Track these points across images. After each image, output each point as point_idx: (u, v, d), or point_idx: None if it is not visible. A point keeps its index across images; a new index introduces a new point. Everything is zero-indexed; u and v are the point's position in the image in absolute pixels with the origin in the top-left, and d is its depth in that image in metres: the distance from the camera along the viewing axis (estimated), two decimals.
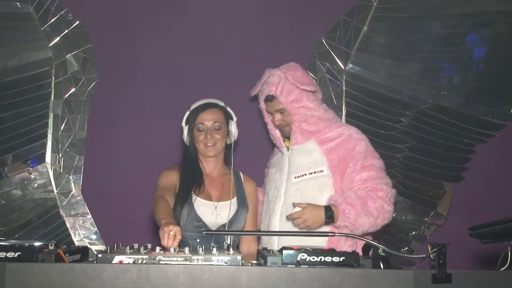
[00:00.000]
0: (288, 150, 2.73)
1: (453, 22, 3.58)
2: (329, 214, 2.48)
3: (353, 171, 2.57)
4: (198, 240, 2.52)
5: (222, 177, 2.76)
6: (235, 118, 2.76)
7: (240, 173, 2.82)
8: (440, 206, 3.63)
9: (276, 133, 2.77)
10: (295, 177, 2.65)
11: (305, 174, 2.63)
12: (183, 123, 2.74)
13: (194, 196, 2.64)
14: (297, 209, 2.52)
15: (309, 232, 2.48)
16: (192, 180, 2.69)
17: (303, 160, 2.66)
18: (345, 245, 2.54)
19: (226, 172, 2.78)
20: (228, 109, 2.76)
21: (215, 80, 3.54)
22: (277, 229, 2.63)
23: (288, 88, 2.64)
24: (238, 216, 2.66)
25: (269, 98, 2.70)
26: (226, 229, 2.60)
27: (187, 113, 2.74)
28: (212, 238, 2.58)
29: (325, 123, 2.67)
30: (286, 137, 2.75)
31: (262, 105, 2.77)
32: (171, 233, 2.03)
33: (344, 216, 2.46)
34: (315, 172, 2.62)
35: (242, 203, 2.70)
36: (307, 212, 2.48)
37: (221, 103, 2.75)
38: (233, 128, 2.75)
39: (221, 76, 3.56)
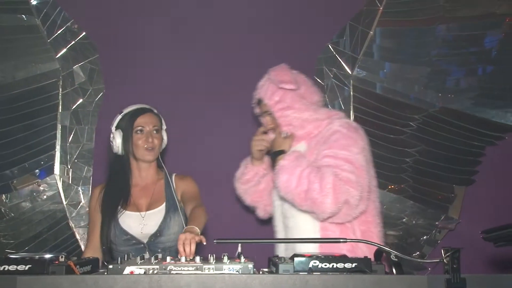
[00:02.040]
0: None
1: (459, 25, 3.56)
2: (275, 153, 2.55)
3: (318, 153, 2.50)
4: (132, 254, 2.50)
5: (154, 184, 2.73)
6: (165, 127, 2.78)
7: (174, 174, 2.78)
8: (451, 209, 3.60)
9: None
10: None
11: None
12: (113, 127, 2.70)
13: (120, 210, 2.63)
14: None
15: (321, 239, 2.46)
16: (116, 195, 2.66)
17: None
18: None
19: (159, 177, 2.75)
20: (159, 115, 2.77)
21: (221, 87, 3.54)
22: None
23: (271, 89, 2.60)
24: (168, 223, 2.61)
25: (259, 102, 2.70)
26: (157, 237, 2.58)
27: (119, 117, 2.69)
28: (145, 250, 2.56)
29: (313, 124, 2.58)
30: None
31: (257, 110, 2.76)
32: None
33: (281, 161, 2.45)
34: None
35: (173, 208, 2.64)
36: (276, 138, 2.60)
37: (155, 110, 2.76)
38: (164, 134, 2.76)
39: (226, 82, 3.56)
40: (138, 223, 2.61)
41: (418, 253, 3.59)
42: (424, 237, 3.61)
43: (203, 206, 2.57)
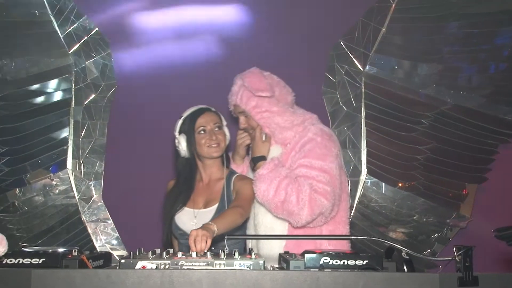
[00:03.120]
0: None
1: (471, 22, 3.53)
2: (253, 160, 2.62)
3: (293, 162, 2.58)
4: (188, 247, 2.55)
5: (216, 182, 2.76)
6: (225, 122, 2.80)
7: (236, 174, 2.79)
8: (463, 207, 3.58)
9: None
10: None
11: None
12: (177, 133, 2.74)
13: (180, 205, 2.72)
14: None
15: (328, 236, 2.50)
16: (179, 195, 2.73)
17: None
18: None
19: (222, 176, 2.77)
20: (218, 112, 2.79)
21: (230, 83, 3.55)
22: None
23: (247, 95, 2.64)
24: None
25: (234, 106, 2.74)
26: None
27: (180, 121, 2.74)
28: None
29: (290, 131, 2.62)
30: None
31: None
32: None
33: (261, 170, 2.52)
34: None
35: (223, 209, 2.64)
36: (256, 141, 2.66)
37: (213, 108, 2.79)
38: (226, 130, 2.78)
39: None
40: (190, 220, 2.67)
41: (428, 251, 3.57)
42: (435, 235, 3.60)
43: (240, 208, 2.55)
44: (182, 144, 2.72)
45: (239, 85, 2.67)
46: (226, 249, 1.89)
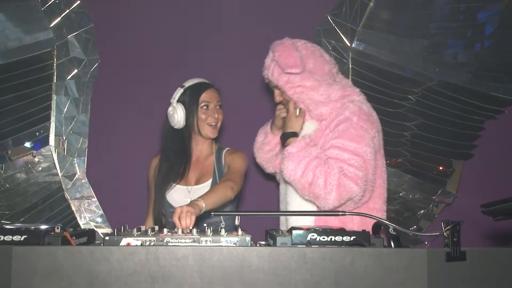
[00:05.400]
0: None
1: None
2: (285, 136, 2.48)
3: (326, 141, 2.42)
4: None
5: (206, 158, 2.74)
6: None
7: (226, 149, 2.77)
8: (449, 184, 3.59)
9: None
10: None
11: None
12: (174, 101, 2.67)
13: (171, 183, 2.66)
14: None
15: (320, 212, 2.44)
16: (171, 168, 2.68)
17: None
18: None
19: (212, 152, 2.76)
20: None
21: (218, 57, 3.49)
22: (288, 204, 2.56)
23: (278, 70, 2.48)
24: None
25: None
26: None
27: (181, 90, 2.67)
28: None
29: (326, 107, 2.43)
30: None
31: None
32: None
33: (290, 147, 2.38)
34: None
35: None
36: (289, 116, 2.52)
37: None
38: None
39: (223, 54, 3.51)
40: (184, 197, 2.63)
41: (414, 227, 3.59)
42: (421, 212, 3.61)
43: (230, 182, 2.52)
44: (178, 113, 2.65)
45: (271, 58, 2.52)
46: (223, 224, 1.86)
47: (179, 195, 2.65)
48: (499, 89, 3.52)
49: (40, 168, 3.49)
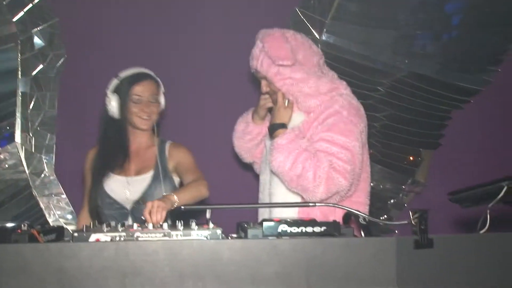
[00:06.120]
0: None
1: None
2: (272, 127, 2.44)
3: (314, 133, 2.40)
4: (116, 218, 2.48)
5: (146, 150, 2.70)
6: (163, 89, 2.71)
7: (168, 142, 2.74)
8: (419, 173, 3.65)
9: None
10: None
11: None
12: (109, 92, 2.64)
13: (108, 173, 2.61)
14: None
15: (290, 204, 2.45)
16: (108, 158, 2.64)
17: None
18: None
19: (152, 143, 2.71)
20: (158, 79, 2.69)
21: (196, 49, 3.46)
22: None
23: (267, 61, 2.44)
24: (152, 191, 2.58)
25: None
26: (140, 204, 2.55)
27: (115, 81, 2.64)
28: (128, 215, 2.56)
29: (315, 100, 2.42)
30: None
31: None
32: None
33: (279, 139, 2.36)
34: None
35: (159, 177, 2.60)
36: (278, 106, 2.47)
37: (153, 74, 2.69)
38: (162, 99, 2.69)
39: (194, 46, 3.48)
40: (122, 188, 2.58)
41: (385, 216, 3.64)
42: (392, 201, 3.66)
43: (203, 181, 2.51)
44: (112, 104, 2.61)
45: (260, 48, 2.46)
46: (208, 219, 1.83)
47: (117, 186, 2.60)
48: (466, 80, 3.59)
49: (6, 166, 3.42)
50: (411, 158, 3.67)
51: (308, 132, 2.42)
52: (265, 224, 1.70)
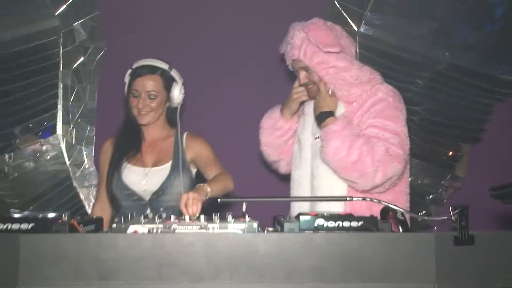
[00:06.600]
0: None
1: None
2: (322, 116, 2.41)
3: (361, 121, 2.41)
4: (135, 210, 2.41)
5: (163, 141, 2.67)
6: (180, 81, 2.63)
7: (185, 133, 2.69)
8: (458, 168, 3.57)
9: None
10: (314, 138, 2.54)
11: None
12: (126, 80, 2.64)
13: (125, 164, 2.58)
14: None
15: (326, 198, 2.43)
16: (125, 148, 2.61)
17: None
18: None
19: (169, 134, 2.68)
20: (173, 72, 2.63)
21: (229, 48, 3.47)
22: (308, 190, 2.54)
23: (311, 50, 2.43)
24: (172, 182, 2.55)
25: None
26: (159, 195, 2.53)
27: (129, 70, 2.63)
28: (147, 207, 2.53)
29: (357, 89, 2.43)
30: (312, 98, 2.56)
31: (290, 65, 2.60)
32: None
33: (333, 125, 2.34)
34: None
35: (178, 167, 2.55)
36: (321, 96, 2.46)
37: (164, 66, 2.61)
38: (176, 91, 2.61)
39: (229, 37, 3.49)
40: (141, 179, 2.57)
41: (423, 212, 3.57)
42: (430, 197, 3.59)
43: (228, 174, 2.52)
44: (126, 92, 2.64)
45: (301, 38, 2.45)
46: (244, 212, 1.83)
47: (135, 177, 2.57)
48: (509, 72, 3.48)
49: (48, 157, 3.50)
50: (450, 152, 3.59)
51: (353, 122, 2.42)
52: (301, 218, 1.69)
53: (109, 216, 2.58)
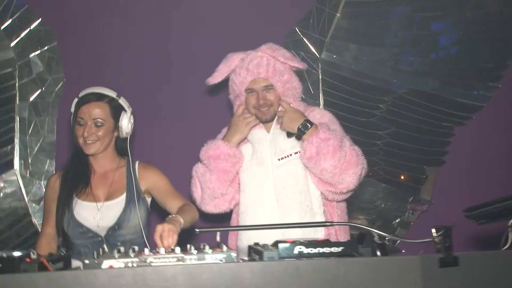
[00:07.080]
0: (269, 132, 2.54)
1: (423, 7, 3.57)
2: (307, 123, 2.40)
3: None
4: (89, 247, 2.34)
5: (113, 172, 2.52)
6: (129, 110, 2.49)
7: (137, 162, 2.56)
8: (423, 191, 3.62)
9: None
10: (278, 160, 2.49)
11: (291, 155, 2.48)
12: (72, 109, 2.48)
13: (75, 199, 2.44)
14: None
15: (305, 224, 2.40)
16: (73, 182, 2.46)
17: (286, 140, 2.49)
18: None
19: (120, 165, 2.54)
20: (121, 100, 2.49)
21: (187, 74, 3.44)
22: (270, 220, 2.44)
23: (280, 68, 2.50)
24: (128, 215, 2.43)
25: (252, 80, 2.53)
26: (116, 230, 2.42)
27: (76, 99, 2.48)
28: (103, 243, 2.38)
29: (302, 106, 2.59)
30: (265, 121, 2.54)
31: (238, 88, 2.56)
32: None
33: (318, 132, 2.36)
34: (299, 152, 2.43)
35: (133, 200, 2.43)
36: (289, 110, 2.48)
37: (111, 94, 2.48)
38: (125, 121, 2.47)
39: (191, 67, 3.46)
40: (94, 214, 2.42)
41: (391, 235, 3.58)
42: (397, 220, 3.62)
43: (191, 203, 2.45)
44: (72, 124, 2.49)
45: (267, 57, 2.49)
46: (220, 242, 1.76)
47: (88, 213, 2.42)
48: (468, 96, 3.58)
49: (4, 194, 3.34)
50: (402, 176, 3.64)
51: None
52: (280, 245, 1.64)
53: (55, 251, 2.43)
